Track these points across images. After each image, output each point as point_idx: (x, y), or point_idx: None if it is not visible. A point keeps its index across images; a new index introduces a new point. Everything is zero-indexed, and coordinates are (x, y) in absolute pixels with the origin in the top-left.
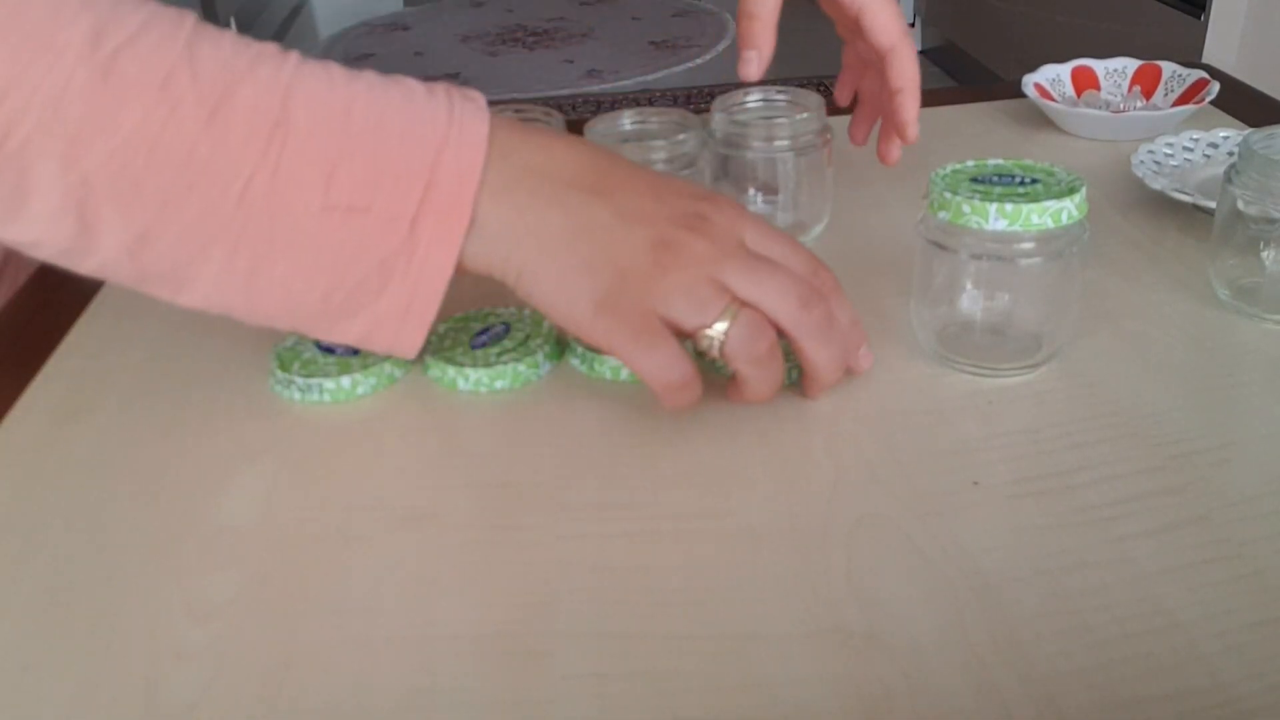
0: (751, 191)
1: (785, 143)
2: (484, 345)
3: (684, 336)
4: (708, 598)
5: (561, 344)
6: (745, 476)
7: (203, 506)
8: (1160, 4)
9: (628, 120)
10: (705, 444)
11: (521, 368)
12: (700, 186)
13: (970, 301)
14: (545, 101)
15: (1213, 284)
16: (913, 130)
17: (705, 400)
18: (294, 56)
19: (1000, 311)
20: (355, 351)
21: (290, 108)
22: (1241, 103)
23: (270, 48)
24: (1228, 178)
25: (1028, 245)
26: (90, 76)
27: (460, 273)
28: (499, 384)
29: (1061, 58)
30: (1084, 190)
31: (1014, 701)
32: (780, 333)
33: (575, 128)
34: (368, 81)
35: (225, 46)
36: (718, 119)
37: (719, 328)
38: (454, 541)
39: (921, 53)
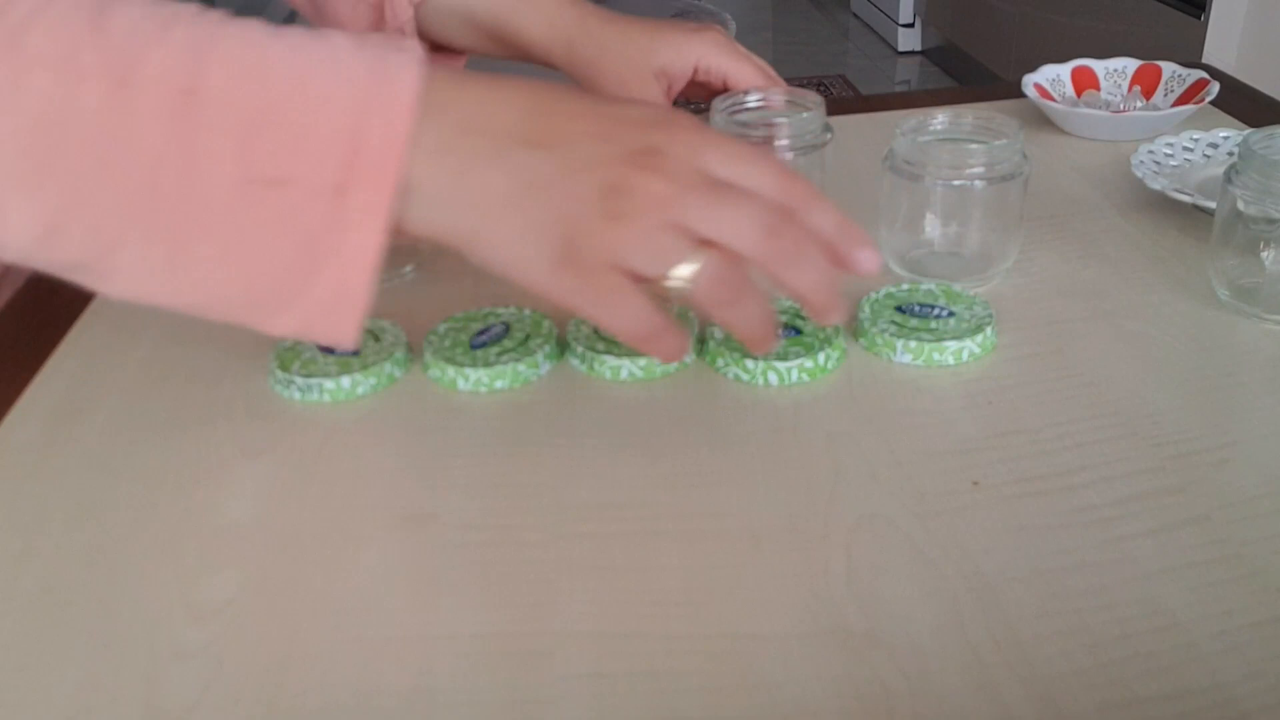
0: None
1: (785, 142)
2: (483, 345)
3: (650, 285)
4: (707, 598)
5: (561, 344)
6: (745, 476)
7: (202, 506)
8: (1160, 4)
9: None
10: (705, 444)
11: (521, 368)
12: (655, 108)
13: (930, 226)
14: None
15: (1213, 284)
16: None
17: (705, 400)
18: (215, 16)
19: (955, 236)
20: (356, 351)
21: (203, 72)
22: (1241, 103)
23: (189, 8)
24: (1228, 178)
25: (978, 170)
26: None
27: (404, 238)
28: (499, 384)
29: (1061, 58)
30: (990, 328)
31: (1014, 701)
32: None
33: None
34: (290, 40)
35: (137, 9)
36: (718, 119)
37: (682, 272)
38: (453, 541)
39: (921, 53)
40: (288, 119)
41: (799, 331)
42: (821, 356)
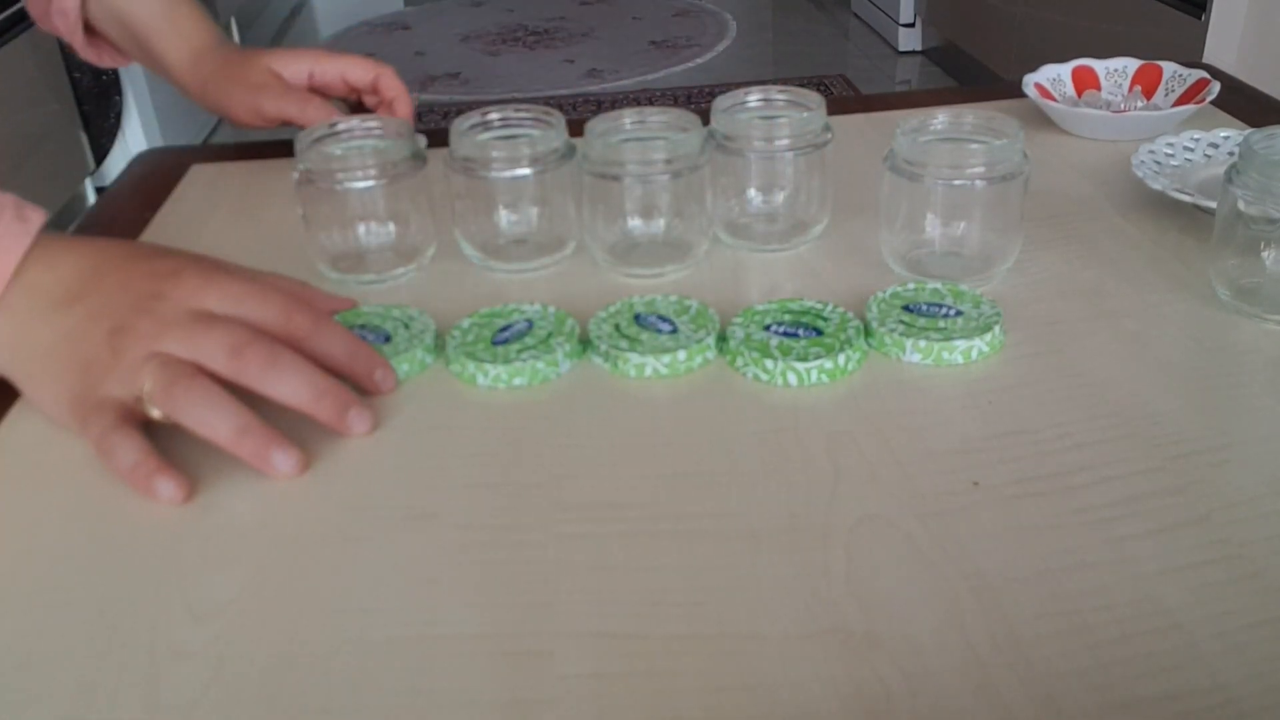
0: (752, 191)
1: (786, 142)
2: (505, 342)
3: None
4: (708, 598)
5: (584, 342)
6: (745, 476)
7: (203, 506)
8: (1161, 4)
9: (628, 120)
10: (705, 444)
11: (540, 365)
12: (176, 261)
13: (931, 226)
14: (545, 101)
15: (1213, 284)
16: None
17: (707, 401)
18: None
19: (955, 236)
20: (387, 338)
21: None
22: (1242, 103)
23: None
24: (1228, 178)
25: (979, 169)
26: None
27: None
28: (517, 380)
29: (1062, 58)
30: (999, 327)
31: (1014, 701)
32: (232, 386)
33: (576, 127)
34: None
35: None
36: (718, 118)
37: (145, 387)
38: (454, 541)
39: (921, 53)
40: None
41: (820, 332)
42: (842, 358)
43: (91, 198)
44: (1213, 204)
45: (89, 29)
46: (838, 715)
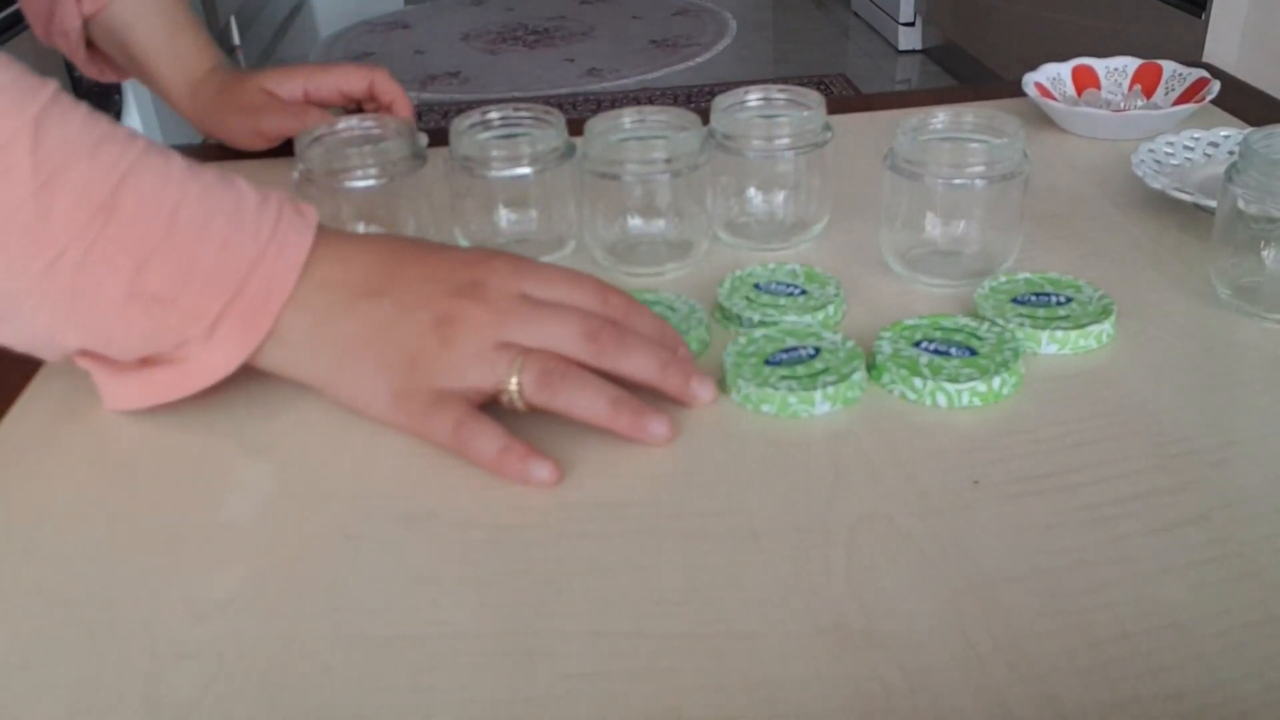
0: (752, 190)
1: (786, 141)
2: None
3: (495, 403)
4: (707, 596)
5: None
6: (745, 475)
7: (203, 505)
8: (1161, 3)
9: (628, 119)
10: (705, 443)
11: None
12: (479, 251)
13: (931, 225)
14: (545, 100)
15: (1213, 283)
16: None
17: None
18: (141, 143)
19: (956, 235)
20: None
21: (120, 193)
22: (1242, 101)
23: (120, 131)
24: (1228, 177)
25: (979, 169)
26: None
27: (262, 372)
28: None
29: (1062, 57)
30: (1115, 314)
31: (1014, 700)
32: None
33: (575, 126)
34: (204, 182)
35: (74, 123)
36: (718, 117)
37: (513, 382)
38: (454, 540)
39: (921, 52)
40: (185, 252)
41: (974, 352)
42: (997, 381)
43: None
44: (1213, 203)
45: (90, 44)
46: (838, 714)
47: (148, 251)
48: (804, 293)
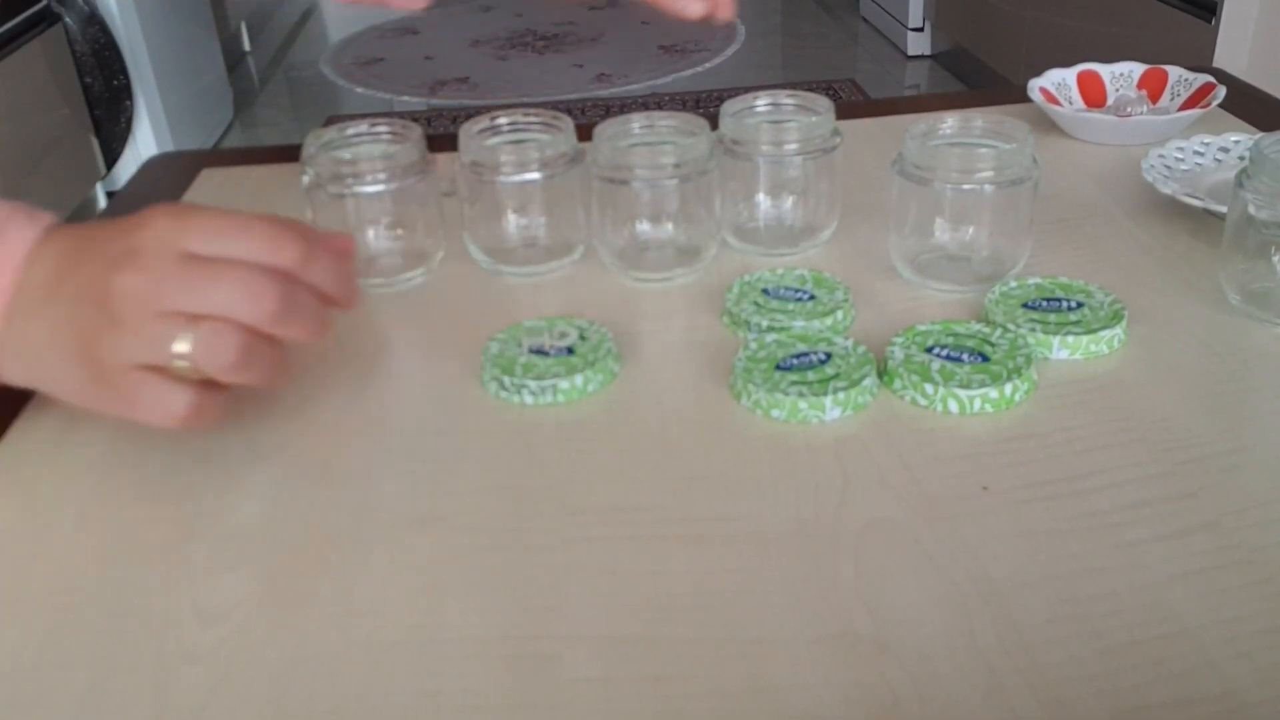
0: (760, 195)
1: (794, 146)
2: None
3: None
4: (716, 602)
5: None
6: (754, 481)
7: (211, 509)
8: (1171, 8)
9: (637, 124)
10: (714, 448)
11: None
12: (139, 214)
13: (940, 230)
14: (554, 105)
15: (1224, 289)
16: None
17: (711, 403)
18: None
19: (964, 240)
20: (569, 350)
21: None
22: (1252, 106)
23: None
24: (1239, 182)
25: (988, 174)
26: None
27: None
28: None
29: (1071, 62)
30: (1126, 319)
31: (1022, 707)
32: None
33: (584, 132)
34: None
35: None
36: (727, 123)
37: (181, 351)
38: (462, 545)
39: (930, 57)
40: None
41: (986, 358)
42: (1009, 387)
43: (103, 202)
44: (1223, 208)
45: None
46: None
47: None
48: (812, 298)
